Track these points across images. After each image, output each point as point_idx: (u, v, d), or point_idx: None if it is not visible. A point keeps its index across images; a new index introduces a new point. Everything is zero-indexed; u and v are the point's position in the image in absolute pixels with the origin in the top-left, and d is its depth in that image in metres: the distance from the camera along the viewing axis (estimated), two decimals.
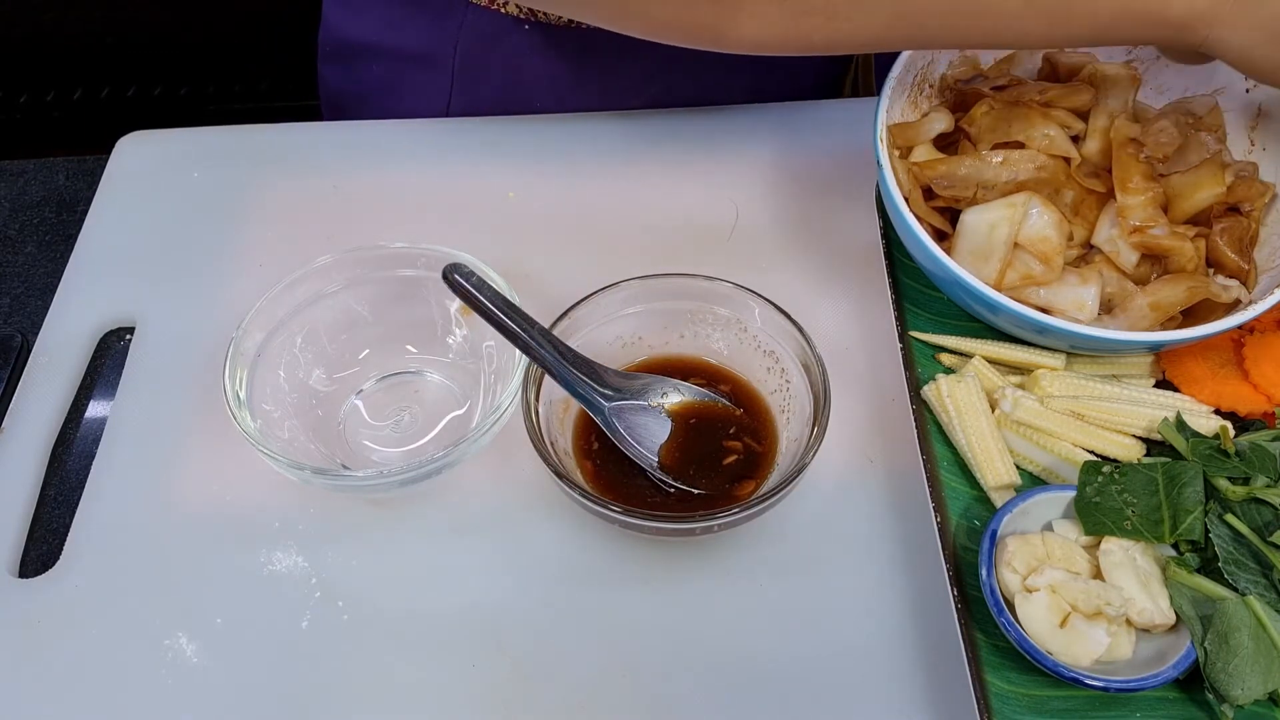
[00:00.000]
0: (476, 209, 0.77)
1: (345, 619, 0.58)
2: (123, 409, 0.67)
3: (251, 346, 0.62)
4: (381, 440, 0.64)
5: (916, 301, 0.66)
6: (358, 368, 0.66)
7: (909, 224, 0.59)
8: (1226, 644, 0.49)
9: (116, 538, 0.62)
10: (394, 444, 0.64)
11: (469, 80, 0.84)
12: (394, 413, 0.65)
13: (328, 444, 0.63)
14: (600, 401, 0.59)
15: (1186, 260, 0.61)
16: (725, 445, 0.61)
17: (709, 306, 0.64)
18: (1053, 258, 0.60)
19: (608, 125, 0.84)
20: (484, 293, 0.58)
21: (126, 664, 0.57)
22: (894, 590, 0.59)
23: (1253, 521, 0.52)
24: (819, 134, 0.82)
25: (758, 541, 0.61)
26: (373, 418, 0.65)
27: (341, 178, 0.80)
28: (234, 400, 0.59)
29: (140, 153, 0.82)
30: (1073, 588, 0.51)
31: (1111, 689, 0.49)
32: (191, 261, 0.74)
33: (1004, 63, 0.70)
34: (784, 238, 0.75)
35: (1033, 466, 0.59)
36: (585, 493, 0.55)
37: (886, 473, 0.63)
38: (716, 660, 0.57)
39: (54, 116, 1.45)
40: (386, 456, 0.63)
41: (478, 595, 0.59)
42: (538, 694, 0.56)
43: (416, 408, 0.66)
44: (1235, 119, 0.67)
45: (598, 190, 0.78)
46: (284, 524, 0.62)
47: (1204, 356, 0.62)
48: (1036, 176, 0.62)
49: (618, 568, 0.60)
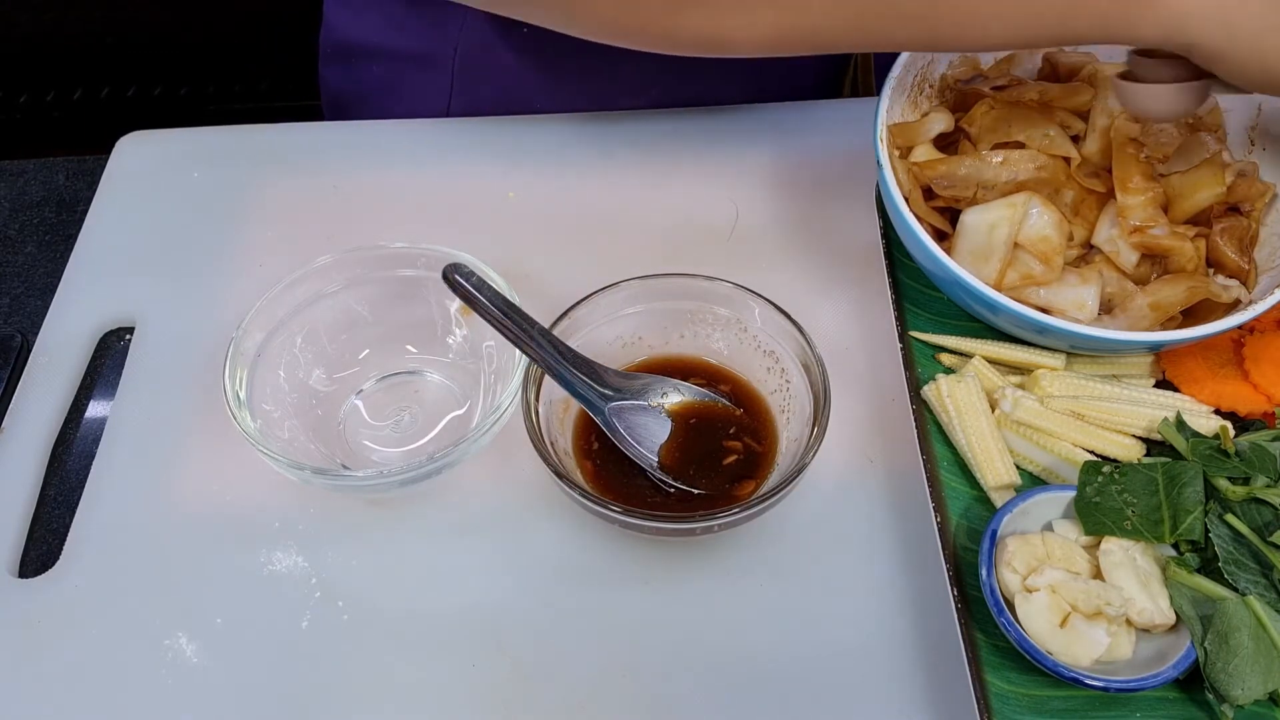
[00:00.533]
0: (476, 209, 0.77)
1: (345, 619, 0.58)
2: (123, 409, 0.67)
3: (251, 346, 0.62)
4: (381, 440, 0.64)
5: (916, 301, 0.66)
6: (358, 368, 0.66)
7: (909, 224, 0.59)
8: (1226, 644, 0.49)
9: (116, 538, 0.62)
10: (394, 444, 0.64)
11: (468, 81, 0.84)
12: (394, 413, 0.65)
13: (328, 444, 0.63)
14: (600, 401, 0.59)
15: (1186, 260, 0.61)
16: (725, 445, 0.61)
17: (709, 306, 0.64)
18: (1053, 258, 0.60)
19: (608, 125, 0.84)
20: (484, 293, 0.58)
21: (126, 664, 0.57)
22: (894, 590, 0.59)
23: (1253, 521, 0.52)
24: (819, 134, 0.82)
25: (758, 541, 0.61)
26: (373, 418, 0.65)
27: (341, 178, 0.80)
28: (234, 400, 0.59)
29: (140, 153, 0.82)
30: (1073, 588, 0.51)
31: (1111, 689, 0.49)
32: (191, 261, 0.74)
33: (1004, 63, 0.70)
34: (784, 238, 0.75)
35: (1033, 466, 0.59)
36: (585, 493, 0.55)
37: (886, 473, 0.63)
38: (716, 660, 0.57)
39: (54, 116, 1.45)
40: (386, 456, 0.63)
41: (478, 595, 0.59)
42: (538, 694, 0.56)
43: (416, 408, 0.66)
44: (1235, 119, 0.67)
45: (598, 190, 0.78)
46: (284, 524, 0.62)
47: (1204, 356, 0.62)
48: (1036, 176, 0.62)
49: (618, 568, 0.60)
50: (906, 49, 0.63)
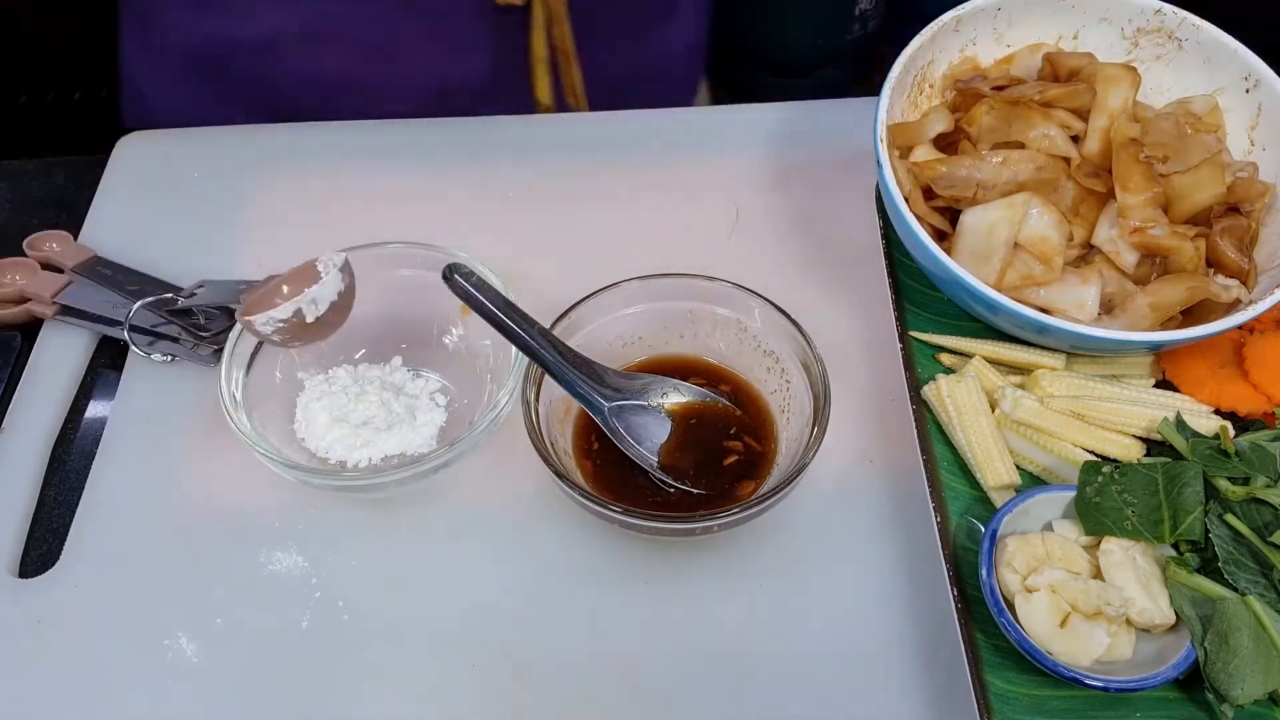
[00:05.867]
0: (476, 209, 0.77)
1: (345, 619, 0.58)
2: (123, 409, 0.67)
3: (248, 347, 0.62)
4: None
5: (916, 301, 0.66)
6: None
7: (909, 224, 0.59)
8: (1226, 644, 0.49)
9: (116, 538, 0.62)
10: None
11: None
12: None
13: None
14: (600, 401, 0.59)
15: (1186, 260, 0.61)
16: (725, 445, 0.61)
17: (709, 306, 0.64)
18: (1053, 258, 0.60)
19: (608, 125, 0.84)
20: (484, 293, 0.58)
21: (126, 664, 0.57)
22: (894, 590, 0.59)
23: (1253, 521, 0.52)
24: (819, 134, 0.82)
25: (758, 541, 0.61)
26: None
27: (341, 178, 0.80)
28: (230, 401, 0.59)
29: (140, 153, 0.82)
30: (1073, 588, 0.51)
31: (1111, 689, 0.49)
32: (192, 261, 0.74)
33: (1004, 63, 0.70)
34: (784, 238, 0.75)
35: (1033, 466, 0.59)
36: (585, 493, 0.55)
37: (886, 473, 0.63)
38: (716, 660, 0.57)
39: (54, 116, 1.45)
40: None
41: (478, 595, 0.59)
42: (538, 694, 0.56)
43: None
44: (1235, 119, 0.67)
45: (597, 190, 0.78)
46: (284, 524, 0.62)
47: (1204, 356, 0.62)
48: (1036, 176, 0.62)
49: (618, 568, 0.60)
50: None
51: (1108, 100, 0.64)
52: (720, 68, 1.19)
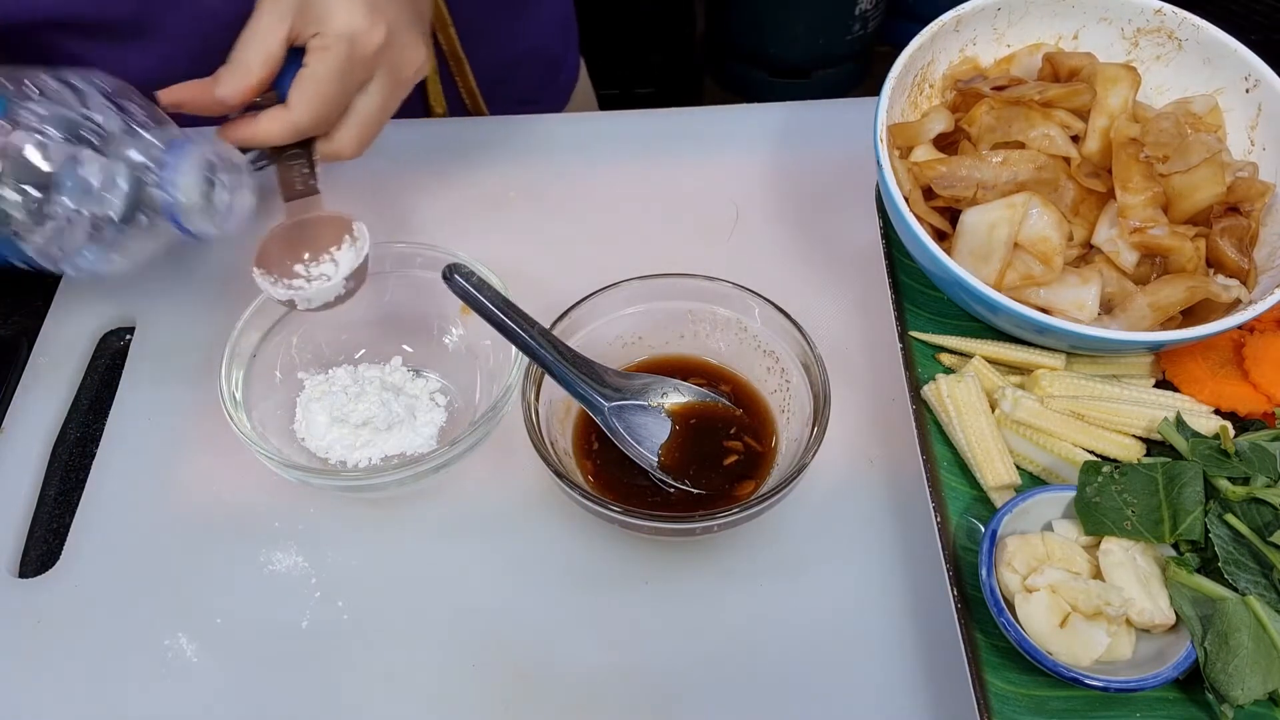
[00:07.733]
0: (476, 209, 0.77)
1: (345, 619, 0.58)
2: (123, 409, 0.67)
3: (248, 347, 0.62)
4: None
5: (916, 301, 0.66)
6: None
7: (909, 224, 0.59)
8: (1226, 644, 0.49)
9: (116, 538, 0.62)
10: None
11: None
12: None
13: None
14: (600, 401, 0.59)
15: (1186, 260, 0.61)
16: (725, 445, 0.61)
17: (709, 306, 0.64)
18: (1053, 258, 0.60)
19: (608, 125, 0.84)
20: (484, 293, 0.58)
21: (126, 664, 0.57)
22: (894, 590, 0.59)
23: (1253, 521, 0.52)
24: (819, 134, 0.82)
25: (758, 541, 0.61)
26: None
27: (340, 178, 0.80)
28: (230, 401, 0.59)
29: None
30: (1073, 588, 0.51)
31: (1111, 689, 0.49)
32: (191, 261, 0.74)
33: (1004, 63, 0.70)
34: (784, 238, 0.75)
35: (1033, 466, 0.59)
36: (585, 493, 0.55)
37: (886, 473, 0.63)
38: (716, 660, 0.57)
39: None
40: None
41: (478, 595, 0.59)
42: (538, 694, 0.56)
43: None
44: (1235, 119, 0.67)
45: (598, 190, 0.78)
46: (284, 524, 0.62)
47: (1204, 356, 0.62)
48: (1036, 176, 0.62)
49: (618, 568, 0.60)
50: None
51: (1108, 100, 0.64)
52: (720, 68, 1.19)
